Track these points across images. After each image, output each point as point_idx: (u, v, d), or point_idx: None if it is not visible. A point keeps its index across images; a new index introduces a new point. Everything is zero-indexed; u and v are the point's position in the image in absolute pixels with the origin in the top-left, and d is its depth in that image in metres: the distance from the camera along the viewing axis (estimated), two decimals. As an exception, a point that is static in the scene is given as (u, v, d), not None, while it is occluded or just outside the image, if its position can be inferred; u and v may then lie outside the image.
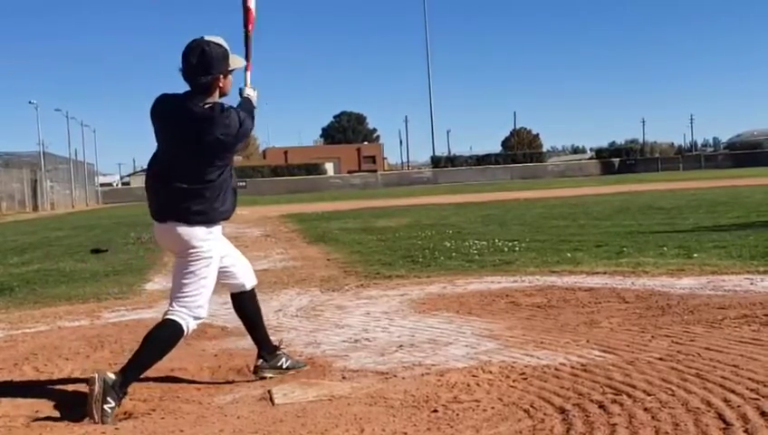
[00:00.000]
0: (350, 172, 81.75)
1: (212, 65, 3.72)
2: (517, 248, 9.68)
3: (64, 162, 57.31)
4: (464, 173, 72.00)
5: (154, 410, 3.69)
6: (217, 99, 3.82)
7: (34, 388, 4.19)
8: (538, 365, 4.05)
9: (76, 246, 14.32)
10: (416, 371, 4.10)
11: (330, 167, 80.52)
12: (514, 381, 3.79)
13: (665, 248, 8.75)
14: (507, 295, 6.32)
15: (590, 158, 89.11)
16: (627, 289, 6.31)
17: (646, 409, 3.21)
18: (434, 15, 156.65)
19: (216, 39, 3.79)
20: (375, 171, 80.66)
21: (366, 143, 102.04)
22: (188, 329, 3.79)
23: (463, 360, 4.28)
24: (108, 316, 6.46)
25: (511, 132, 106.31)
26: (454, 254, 9.53)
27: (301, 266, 9.35)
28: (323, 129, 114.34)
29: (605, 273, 7.28)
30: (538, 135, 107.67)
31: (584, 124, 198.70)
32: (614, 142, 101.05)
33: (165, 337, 3.79)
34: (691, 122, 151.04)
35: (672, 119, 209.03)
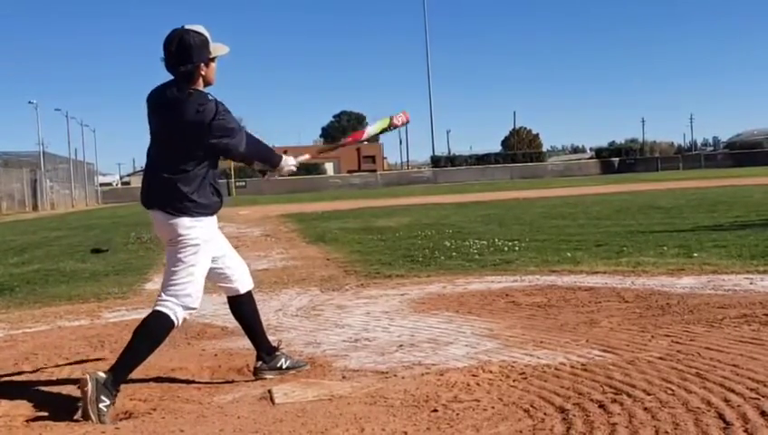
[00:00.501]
0: (350, 172, 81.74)
1: (192, 53, 3.68)
2: (517, 248, 9.68)
3: (64, 162, 57.33)
4: (463, 173, 72.00)
5: (154, 409, 3.69)
6: (201, 87, 3.78)
7: (34, 388, 4.19)
8: (538, 365, 4.05)
9: (76, 246, 14.32)
10: (416, 370, 4.10)
11: (329, 166, 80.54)
12: (514, 380, 3.79)
13: (665, 248, 8.76)
14: (507, 295, 6.32)
15: (590, 157, 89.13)
16: (627, 288, 6.31)
17: (646, 408, 3.21)
18: (434, 15, 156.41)
19: (196, 27, 3.75)
20: (375, 171, 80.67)
21: (366, 143, 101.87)
22: (177, 319, 3.72)
23: (463, 359, 4.28)
24: (108, 316, 6.46)
25: (511, 132, 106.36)
26: (454, 253, 9.53)
27: (301, 266, 9.35)
28: (323, 128, 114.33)
29: (605, 272, 7.28)
30: (538, 135, 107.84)
31: (584, 124, 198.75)
32: (614, 142, 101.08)
33: (152, 329, 3.74)
34: (691, 122, 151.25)
35: (672, 118, 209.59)
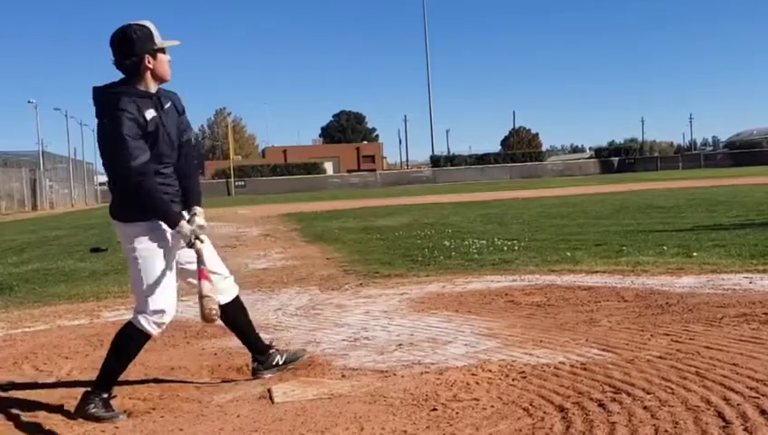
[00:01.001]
0: (350, 171, 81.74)
1: (134, 46, 3.58)
2: (516, 247, 9.68)
3: (63, 161, 57.29)
4: (463, 172, 71.99)
5: (154, 408, 3.69)
6: (151, 83, 3.64)
7: (34, 387, 4.20)
8: (537, 364, 4.05)
9: (75, 245, 14.32)
10: (415, 369, 4.11)
11: (329, 166, 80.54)
12: (514, 379, 3.79)
13: (664, 247, 8.76)
14: (506, 294, 6.32)
15: (590, 157, 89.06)
16: (626, 288, 6.31)
17: (645, 407, 3.21)
18: (433, 15, 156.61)
19: (140, 21, 3.66)
20: (374, 171, 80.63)
21: (365, 142, 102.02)
22: (144, 328, 3.63)
23: (462, 358, 4.28)
24: (107, 315, 6.46)
25: (510, 132, 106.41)
26: (453, 253, 9.53)
27: (300, 265, 9.35)
28: (323, 128, 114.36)
29: (604, 272, 7.28)
30: (537, 134, 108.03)
31: (583, 123, 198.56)
32: (613, 141, 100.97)
33: (121, 341, 3.71)
34: (690, 121, 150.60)
35: (671, 118, 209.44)
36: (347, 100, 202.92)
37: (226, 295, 4.00)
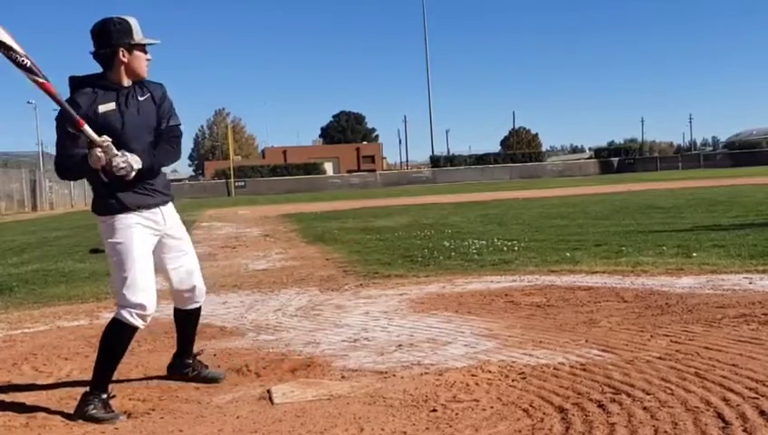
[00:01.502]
0: (350, 172, 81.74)
1: (110, 37, 3.59)
2: (516, 248, 9.68)
3: (63, 162, 57.13)
4: (463, 173, 72.01)
5: (153, 409, 3.69)
6: (124, 77, 3.64)
7: (34, 388, 4.19)
8: (537, 365, 4.05)
9: (75, 246, 14.31)
10: (415, 370, 4.11)
11: (329, 166, 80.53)
12: (513, 380, 3.79)
13: (664, 248, 8.76)
14: (506, 295, 6.32)
15: (589, 157, 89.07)
16: (626, 288, 6.31)
17: (645, 408, 3.22)
18: (433, 15, 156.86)
19: (124, 16, 3.66)
20: (374, 171, 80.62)
21: (365, 143, 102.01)
22: (129, 321, 3.64)
23: (462, 359, 4.28)
24: (107, 316, 6.41)
25: (510, 132, 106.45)
26: (453, 253, 9.53)
27: (300, 266, 9.35)
28: (322, 128, 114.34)
29: (604, 272, 7.28)
30: (537, 135, 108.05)
31: (583, 124, 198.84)
32: (613, 142, 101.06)
33: (109, 338, 3.72)
34: (690, 122, 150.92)
35: (671, 118, 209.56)
36: (347, 100, 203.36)
37: (186, 305, 4.07)
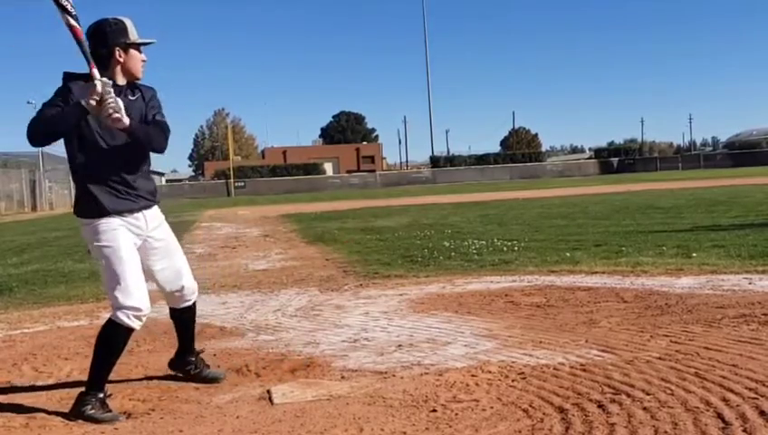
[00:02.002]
0: (349, 172, 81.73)
1: (106, 37, 3.63)
2: (516, 248, 9.68)
3: (63, 162, 57.17)
4: (463, 173, 71.99)
5: (153, 409, 3.69)
6: (120, 76, 3.66)
7: (33, 388, 4.20)
8: (537, 365, 4.05)
9: (75, 246, 14.29)
10: (414, 370, 4.11)
11: (329, 167, 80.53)
12: (513, 380, 3.79)
13: (664, 248, 8.76)
14: (506, 295, 6.32)
15: (589, 157, 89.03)
16: (626, 289, 6.31)
17: (645, 408, 3.22)
18: (433, 15, 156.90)
19: (119, 16, 3.70)
20: (374, 171, 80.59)
21: (365, 143, 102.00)
22: (125, 323, 3.70)
23: (462, 359, 4.28)
24: (107, 316, 6.39)
25: (510, 132, 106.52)
26: (453, 253, 9.53)
27: (300, 266, 9.35)
28: (322, 129, 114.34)
29: (604, 272, 7.28)
30: (537, 135, 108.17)
31: (583, 124, 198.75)
32: (613, 142, 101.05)
33: (105, 339, 3.78)
34: (690, 122, 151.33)
35: (671, 118, 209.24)
36: (347, 100, 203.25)
37: (174, 303, 4.10)
